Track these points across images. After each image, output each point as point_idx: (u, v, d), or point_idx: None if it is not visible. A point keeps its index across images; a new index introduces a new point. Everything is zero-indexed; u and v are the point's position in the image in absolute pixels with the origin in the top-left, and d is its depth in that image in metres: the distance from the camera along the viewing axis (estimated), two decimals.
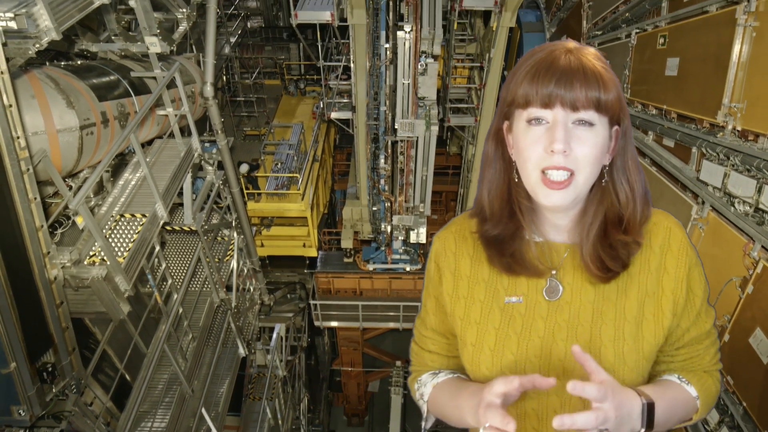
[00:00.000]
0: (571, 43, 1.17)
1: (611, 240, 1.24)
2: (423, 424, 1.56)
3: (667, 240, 1.29)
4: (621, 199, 1.24)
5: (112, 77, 5.59)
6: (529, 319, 1.30)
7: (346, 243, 11.78)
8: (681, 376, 1.36)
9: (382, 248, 11.78)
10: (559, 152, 1.12)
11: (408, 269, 11.82)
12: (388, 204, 10.33)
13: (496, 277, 1.34)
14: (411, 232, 10.75)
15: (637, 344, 1.26)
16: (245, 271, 8.96)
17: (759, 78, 3.76)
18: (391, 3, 8.53)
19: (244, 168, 10.65)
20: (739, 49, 3.90)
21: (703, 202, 4.39)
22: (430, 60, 8.30)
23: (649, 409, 1.13)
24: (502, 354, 1.30)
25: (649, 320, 1.27)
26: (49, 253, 3.94)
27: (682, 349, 1.37)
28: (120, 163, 6.04)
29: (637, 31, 5.69)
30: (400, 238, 11.29)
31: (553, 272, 1.30)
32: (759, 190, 3.68)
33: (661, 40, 5.11)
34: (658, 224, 1.30)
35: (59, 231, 4.69)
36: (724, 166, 4.07)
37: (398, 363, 13.51)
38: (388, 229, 10.85)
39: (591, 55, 1.16)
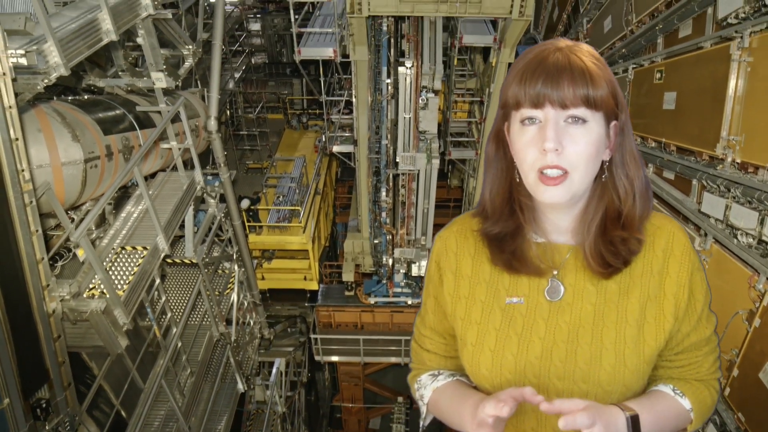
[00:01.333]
0: (562, 42, 1.18)
1: (610, 235, 1.24)
2: (421, 422, 1.57)
3: (670, 244, 1.28)
4: (620, 195, 1.25)
5: (117, 111, 5.68)
6: (530, 320, 1.30)
7: (348, 276, 11.71)
8: (675, 388, 1.35)
9: (384, 281, 11.70)
10: (550, 151, 1.12)
11: (410, 302, 11.71)
12: (389, 237, 10.33)
13: (497, 277, 1.34)
14: (412, 265, 10.70)
15: (637, 347, 1.25)
16: (245, 304, 8.88)
17: (756, 111, 3.81)
18: (392, 40, 8.73)
19: (245, 203, 10.70)
20: (734, 84, 3.95)
21: (706, 234, 4.37)
22: (430, 95, 8.45)
23: (634, 421, 1.16)
24: (502, 355, 1.30)
25: (650, 323, 1.27)
26: (48, 285, 3.91)
27: (681, 355, 1.36)
28: (123, 195, 6.07)
29: (634, 66, 5.80)
30: (401, 271, 11.23)
31: (555, 272, 1.30)
32: (761, 222, 3.67)
33: (658, 75, 5.20)
34: (662, 228, 1.30)
35: (60, 263, 4.68)
36: (725, 198, 4.08)
37: (400, 399, 13.21)
38: (390, 262, 10.81)
39: (582, 52, 1.16)
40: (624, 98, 1.23)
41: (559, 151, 1.12)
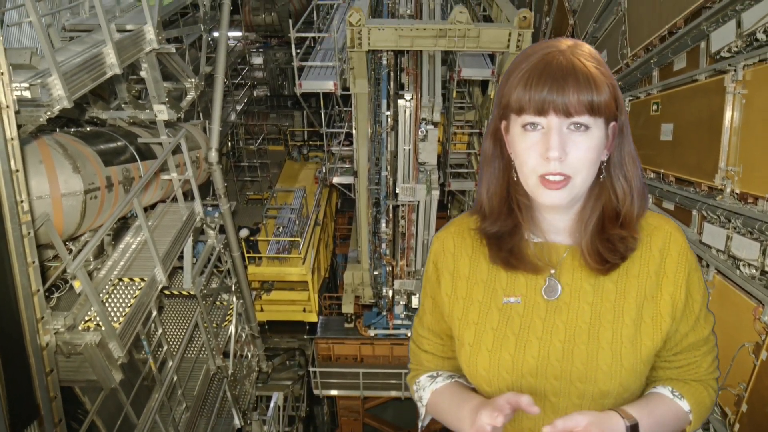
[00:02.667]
0: (564, 43, 1.17)
1: (608, 234, 1.24)
2: (420, 423, 1.56)
3: (667, 244, 1.28)
4: (618, 195, 1.24)
5: (119, 143, 5.73)
6: (528, 320, 1.29)
7: (347, 308, 11.59)
8: (674, 390, 1.34)
9: (384, 313, 11.58)
10: (554, 159, 1.12)
11: (410, 335, 11.53)
12: (389, 268, 10.26)
13: (494, 277, 1.34)
14: (413, 297, 10.60)
15: (634, 347, 1.25)
16: (243, 336, 8.76)
17: (753, 142, 3.83)
18: (392, 73, 8.88)
19: (243, 233, 10.70)
20: (730, 115, 3.99)
21: (708, 265, 4.33)
22: (430, 127, 8.53)
23: (634, 429, 1.17)
24: (499, 355, 1.29)
25: (647, 323, 1.26)
26: (42, 318, 3.86)
27: (680, 355, 1.35)
28: (122, 226, 6.06)
29: (631, 98, 5.87)
30: (401, 302, 11.12)
31: (552, 271, 1.29)
32: (764, 253, 3.64)
33: (654, 107, 5.26)
34: (659, 228, 1.29)
35: (56, 295, 4.63)
36: (726, 229, 4.06)
37: None
38: (390, 293, 10.71)
39: (584, 54, 1.15)
40: (623, 99, 1.22)
41: (563, 159, 1.12)
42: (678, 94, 4.87)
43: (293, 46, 9.32)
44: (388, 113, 8.82)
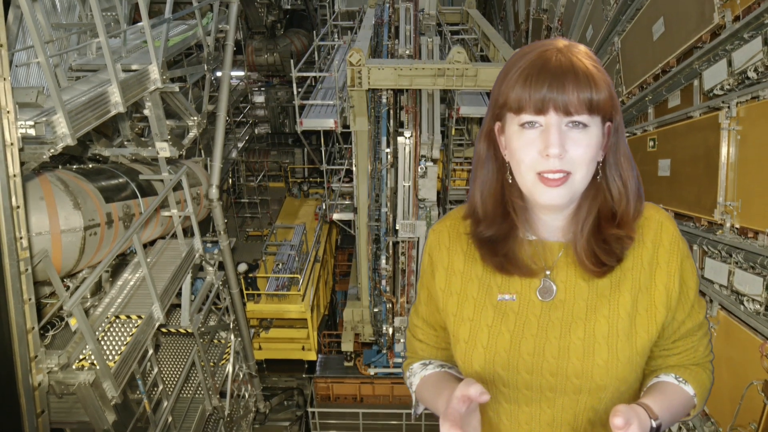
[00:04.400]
0: (561, 42, 1.16)
1: (605, 235, 1.23)
2: (413, 410, 1.56)
3: (659, 234, 1.27)
4: (614, 195, 1.23)
5: (120, 180, 5.77)
6: (523, 317, 1.28)
7: (347, 346, 11.40)
8: (678, 376, 1.35)
9: (384, 351, 11.38)
10: (554, 156, 1.11)
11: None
12: (389, 305, 10.15)
13: (489, 274, 1.32)
14: None
15: (630, 340, 1.25)
16: (241, 376, 8.59)
17: (750, 177, 3.86)
18: (391, 111, 9.03)
19: (242, 267, 10.65)
20: (726, 151, 4.03)
21: (711, 301, 4.29)
22: (429, 163, 8.62)
23: (657, 428, 1.17)
24: (495, 351, 1.29)
25: (642, 315, 1.26)
26: (36, 357, 3.79)
27: (678, 342, 1.36)
28: (121, 263, 6.03)
29: (627, 135, 5.94)
30: (402, 340, 10.93)
31: (547, 272, 1.28)
32: (767, 288, 3.61)
33: (651, 143, 5.33)
34: (650, 218, 1.29)
35: (51, 333, 4.57)
36: (728, 264, 4.04)
37: None
38: (390, 331, 10.55)
39: (582, 53, 1.15)
40: (618, 99, 1.22)
41: (562, 156, 1.11)
42: (674, 131, 4.93)
43: (295, 85, 9.51)
44: (387, 150, 8.92)
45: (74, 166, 5.84)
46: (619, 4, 6.09)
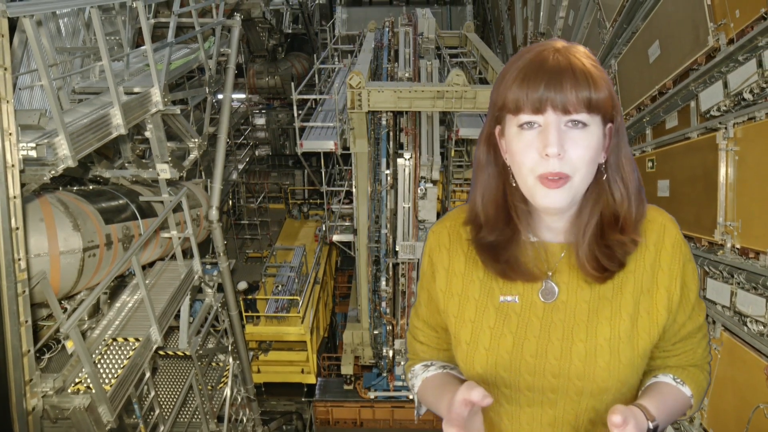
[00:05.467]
0: (559, 43, 1.16)
1: (607, 240, 1.22)
2: (415, 411, 1.56)
3: (661, 237, 1.27)
4: (616, 198, 1.22)
5: (120, 201, 5.77)
6: (525, 319, 1.27)
7: (347, 369, 11.27)
8: (676, 377, 1.35)
9: (384, 374, 11.24)
10: (553, 156, 1.09)
11: (411, 397, 11.13)
12: (389, 327, 10.06)
13: (491, 275, 1.31)
14: None
15: (631, 342, 1.24)
16: (239, 399, 8.46)
17: (750, 198, 3.86)
18: (391, 133, 9.10)
19: (242, 285, 10.60)
20: (725, 171, 4.04)
21: (714, 322, 4.25)
22: (429, 185, 8.64)
23: (654, 429, 1.18)
24: (497, 353, 1.27)
25: (644, 318, 1.26)
26: (31, 380, 3.74)
27: (678, 344, 1.36)
28: (119, 284, 6.00)
29: None
30: (402, 363, 10.82)
31: (549, 274, 1.27)
32: None
33: (650, 164, 5.35)
34: (653, 221, 1.28)
35: (47, 355, 4.51)
36: (730, 285, 4.01)
37: None
38: (390, 353, 10.44)
39: (580, 53, 1.14)
40: (618, 100, 1.21)
41: (561, 155, 1.10)
42: (672, 151, 4.96)
43: (295, 107, 9.60)
44: (387, 172, 8.95)
45: (75, 188, 5.85)
46: (615, 28, 6.18)
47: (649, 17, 5.40)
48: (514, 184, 1.22)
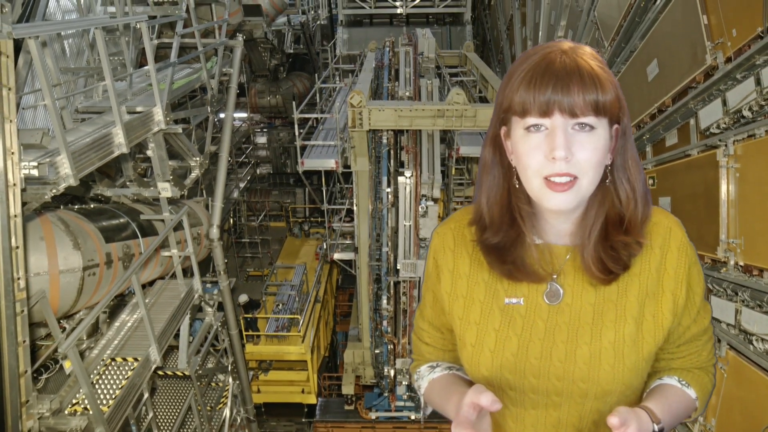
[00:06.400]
0: (566, 44, 1.15)
1: (612, 241, 1.21)
2: (422, 412, 1.47)
3: (667, 240, 1.26)
4: (622, 199, 1.21)
5: (121, 220, 5.77)
6: (530, 321, 1.27)
7: (348, 389, 11.13)
8: (681, 379, 1.35)
9: (386, 394, 11.10)
10: (560, 159, 1.08)
11: (413, 417, 10.99)
12: (391, 346, 9.97)
13: (496, 277, 1.31)
14: None
15: (636, 345, 1.24)
16: (239, 420, 8.34)
17: (752, 215, 3.85)
18: (392, 151, 9.14)
19: (242, 298, 10.53)
20: (726, 188, 4.04)
21: (719, 340, 4.20)
22: (430, 203, 8.65)
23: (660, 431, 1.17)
24: (502, 355, 1.28)
25: (648, 321, 1.25)
26: (27, 402, 3.69)
27: (683, 347, 1.36)
28: (119, 303, 5.96)
29: None
30: (404, 383, 10.69)
31: (554, 276, 1.27)
32: None
33: (651, 181, 5.35)
34: (659, 224, 1.27)
35: (44, 376, 4.46)
36: (734, 302, 3.98)
37: None
38: (392, 373, 10.33)
39: (587, 54, 1.13)
40: (625, 101, 1.20)
41: (569, 158, 1.09)
42: (673, 169, 4.96)
43: (296, 126, 9.65)
44: (388, 190, 8.97)
45: (76, 206, 5.85)
46: (614, 47, 6.25)
47: (647, 36, 5.46)
48: (517, 186, 1.22)
